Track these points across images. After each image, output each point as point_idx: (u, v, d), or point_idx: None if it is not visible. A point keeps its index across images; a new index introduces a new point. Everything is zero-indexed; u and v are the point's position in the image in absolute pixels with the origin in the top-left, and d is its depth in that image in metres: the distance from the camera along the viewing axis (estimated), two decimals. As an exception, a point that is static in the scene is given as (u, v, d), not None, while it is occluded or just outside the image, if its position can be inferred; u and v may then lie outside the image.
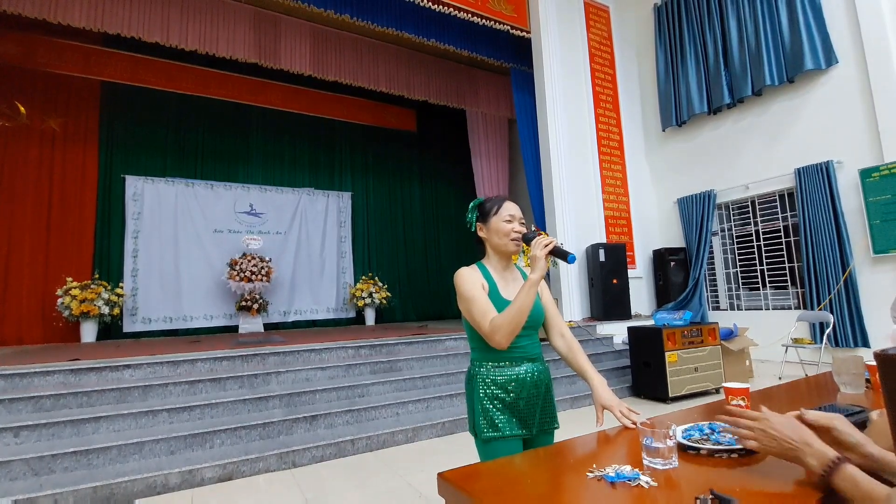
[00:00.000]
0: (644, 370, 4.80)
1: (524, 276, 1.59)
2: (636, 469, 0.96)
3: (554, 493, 0.95)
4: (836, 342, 5.32)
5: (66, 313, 6.23)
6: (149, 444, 3.13)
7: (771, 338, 5.78)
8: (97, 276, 6.77)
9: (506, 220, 1.51)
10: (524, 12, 7.17)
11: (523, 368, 1.47)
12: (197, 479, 2.99)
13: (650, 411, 4.30)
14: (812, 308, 5.58)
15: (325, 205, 9.01)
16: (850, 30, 5.37)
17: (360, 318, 8.76)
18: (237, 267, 7.46)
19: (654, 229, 7.64)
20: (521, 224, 1.53)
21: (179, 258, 7.53)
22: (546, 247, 1.37)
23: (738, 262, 6.74)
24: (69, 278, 6.40)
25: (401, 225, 9.86)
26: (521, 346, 1.47)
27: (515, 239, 1.50)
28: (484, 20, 6.73)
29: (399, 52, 8.13)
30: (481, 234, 1.57)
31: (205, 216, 7.85)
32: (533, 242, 1.40)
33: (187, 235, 7.65)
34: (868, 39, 5.18)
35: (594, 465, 1.00)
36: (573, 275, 6.73)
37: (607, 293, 6.40)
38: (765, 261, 6.40)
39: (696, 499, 0.80)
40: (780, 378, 5.09)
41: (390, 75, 8.07)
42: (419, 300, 9.64)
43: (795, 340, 5.37)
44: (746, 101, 6.38)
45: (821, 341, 5.23)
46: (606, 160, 7.32)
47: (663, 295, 7.11)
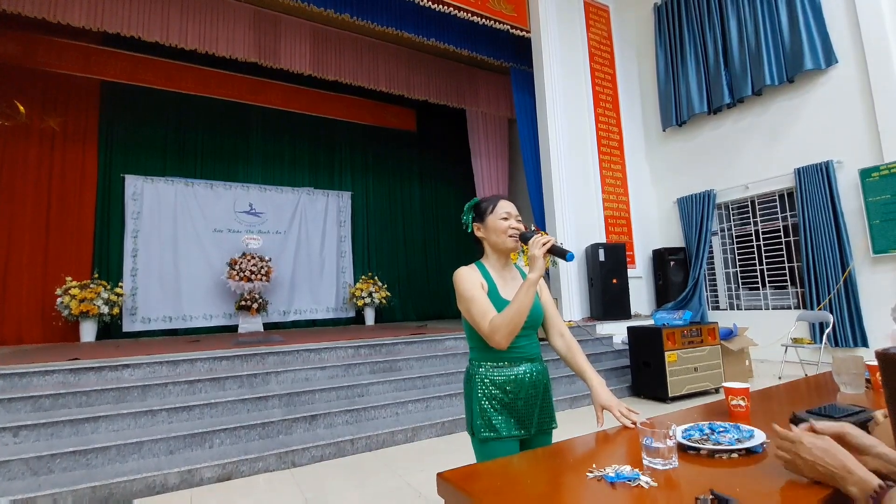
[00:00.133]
0: (644, 370, 4.81)
1: (523, 276, 1.59)
2: (636, 469, 0.96)
3: (554, 493, 0.95)
4: (835, 342, 5.32)
5: (66, 313, 6.23)
6: (148, 443, 3.12)
7: (770, 338, 5.78)
8: (97, 275, 6.76)
9: (502, 217, 1.51)
10: (524, 12, 7.16)
11: (522, 368, 1.47)
12: (196, 478, 2.99)
13: (650, 411, 4.30)
14: (812, 308, 5.58)
15: (324, 204, 9.01)
16: (849, 30, 5.37)
17: (359, 318, 8.76)
18: (237, 266, 7.45)
19: (654, 229, 7.63)
20: (518, 221, 1.53)
21: (179, 258, 7.53)
22: (544, 245, 1.37)
23: (737, 262, 6.74)
24: (69, 278, 6.39)
25: (400, 224, 9.86)
26: (519, 347, 1.47)
27: (513, 235, 1.50)
28: (484, 20, 6.73)
29: (399, 52, 8.13)
30: (479, 233, 1.57)
31: (204, 216, 7.84)
32: (531, 241, 1.39)
33: (187, 235, 7.65)
34: (868, 39, 5.18)
35: (594, 466, 1.00)
36: (573, 274, 6.73)
37: (607, 293, 6.40)
38: (764, 261, 6.40)
39: (697, 499, 0.80)
40: (779, 378, 5.10)
41: (390, 75, 8.07)
42: (419, 300, 9.64)
43: (795, 340, 5.37)
44: (746, 101, 6.38)
45: (820, 341, 5.23)
46: (606, 160, 7.32)
47: (663, 295, 7.11)
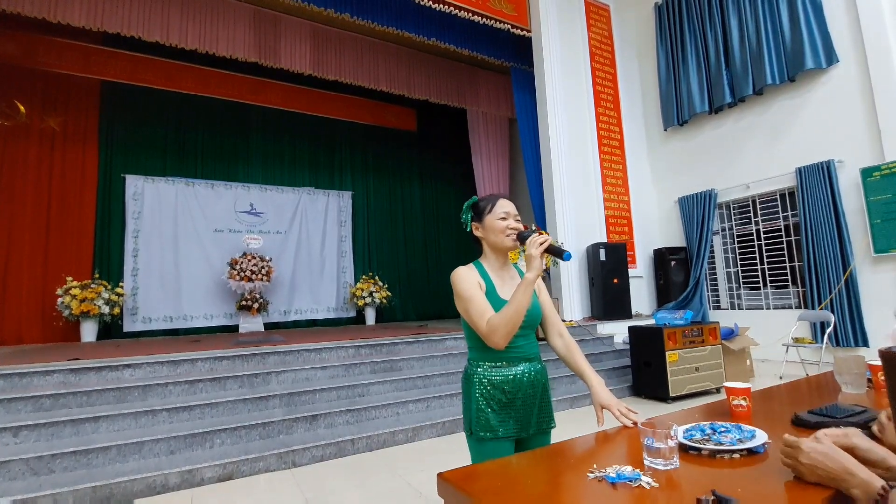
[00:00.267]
0: (644, 370, 4.80)
1: (522, 276, 1.58)
2: (637, 469, 0.96)
3: (554, 493, 0.95)
4: (836, 342, 5.31)
5: (66, 313, 6.23)
6: (148, 443, 3.12)
7: (772, 337, 5.77)
8: (97, 275, 6.76)
9: (501, 217, 1.50)
10: (524, 11, 7.16)
11: (520, 368, 1.46)
12: (196, 478, 2.99)
13: (650, 411, 4.29)
14: (813, 307, 5.57)
15: (325, 204, 9.00)
16: (850, 29, 5.36)
17: (360, 318, 8.76)
18: (237, 266, 7.45)
19: (655, 228, 7.63)
20: (517, 220, 1.52)
21: (179, 258, 7.53)
22: (541, 245, 1.36)
23: (738, 262, 6.73)
24: (69, 278, 6.40)
25: (401, 224, 9.86)
26: (517, 346, 1.46)
27: (511, 235, 1.49)
28: (484, 19, 6.72)
29: (399, 52, 8.12)
30: (477, 233, 1.57)
31: (205, 215, 7.84)
32: (528, 241, 1.39)
33: (187, 235, 7.65)
34: (869, 38, 5.17)
35: (595, 466, 1.00)
36: (573, 274, 6.72)
37: (608, 292, 6.40)
38: (765, 260, 6.39)
39: (698, 500, 0.80)
40: (780, 377, 5.09)
41: (391, 75, 8.06)
42: (419, 300, 9.64)
43: (796, 340, 5.36)
44: (747, 101, 6.37)
45: (822, 341, 5.22)
46: (607, 159, 7.31)
47: (664, 294, 7.10)
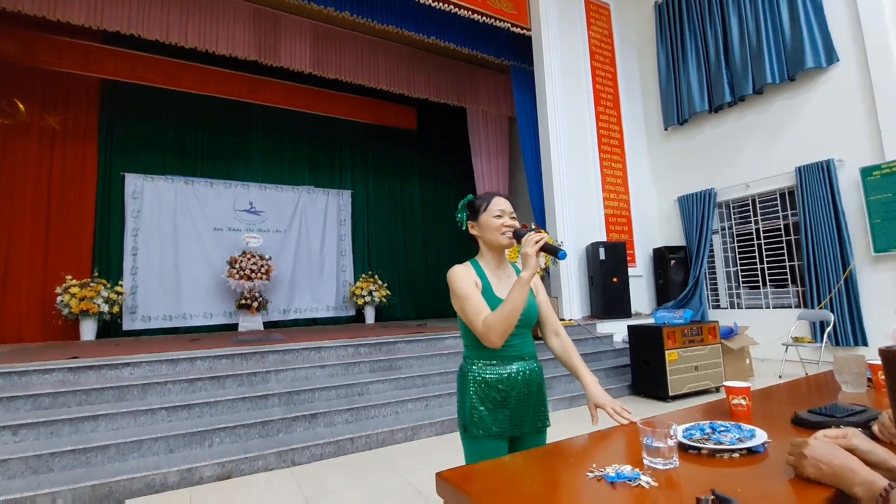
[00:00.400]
0: (644, 369, 4.80)
1: (518, 274, 1.58)
2: (636, 469, 0.95)
3: (553, 493, 0.94)
4: (836, 341, 5.31)
5: (66, 311, 6.22)
6: (147, 442, 3.12)
7: (771, 336, 5.77)
8: (97, 273, 6.75)
9: (496, 215, 1.50)
10: (524, 10, 7.14)
11: (515, 367, 1.46)
12: (196, 477, 2.99)
13: (650, 410, 4.29)
14: (812, 307, 5.57)
15: (324, 203, 9.00)
16: (850, 28, 5.35)
17: (359, 317, 8.75)
18: (237, 265, 7.45)
19: (655, 228, 7.62)
20: (512, 218, 1.51)
21: (179, 256, 7.52)
22: (537, 244, 1.35)
23: (738, 261, 6.73)
24: (69, 276, 6.39)
25: (401, 223, 9.85)
26: (513, 345, 1.46)
27: (507, 233, 1.49)
28: (484, 18, 6.71)
29: (399, 50, 8.11)
30: (473, 231, 1.57)
31: (204, 214, 7.83)
32: (524, 239, 1.38)
33: (187, 233, 7.64)
34: (869, 37, 5.16)
35: (594, 465, 1.00)
36: (573, 273, 6.72)
37: (607, 291, 6.39)
38: (765, 259, 6.39)
39: (698, 499, 0.80)
40: (780, 377, 5.09)
41: (391, 73, 8.05)
42: (419, 298, 9.63)
43: (796, 339, 5.36)
44: (747, 100, 6.37)
45: (821, 340, 5.22)
46: (607, 158, 7.30)
47: (663, 293, 7.10)
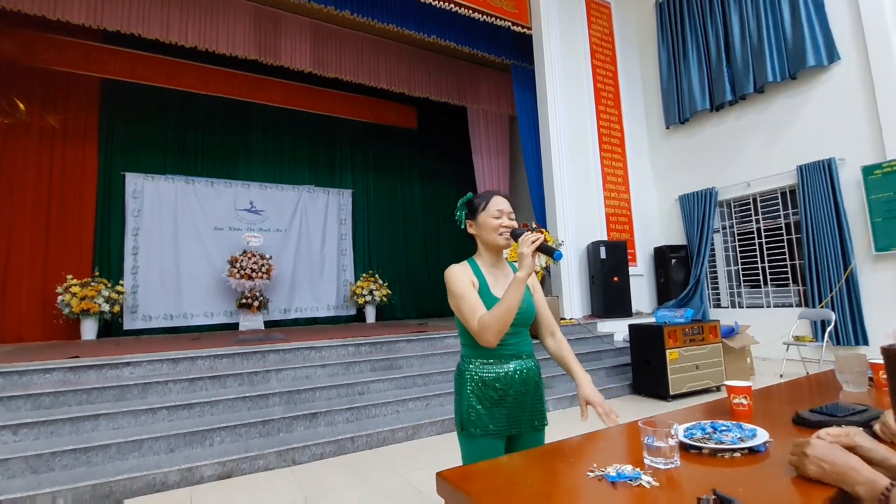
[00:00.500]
0: (645, 368, 4.80)
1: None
2: (637, 468, 0.95)
3: (554, 492, 0.94)
4: (836, 340, 5.30)
5: (67, 311, 6.22)
6: (148, 441, 3.12)
7: (772, 335, 5.76)
8: (97, 273, 6.75)
9: (494, 215, 1.50)
10: (525, 8, 7.13)
11: (512, 366, 1.46)
12: (196, 476, 2.99)
13: (650, 409, 4.29)
14: (813, 306, 5.57)
15: (325, 202, 8.99)
16: (852, 26, 5.34)
17: (360, 316, 8.75)
18: (237, 264, 7.45)
19: (656, 227, 7.62)
20: (511, 219, 1.51)
21: (180, 256, 7.52)
22: (533, 244, 1.36)
23: (739, 260, 6.72)
24: (69, 276, 6.39)
25: (401, 222, 9.84)
26: (509, 344, 1.46)
27: (504, 233, 1.49)
28: (485, 16, 6.70)
29: (400, 49, 8.10)
30: (471, 230, 1.57)
31: (205, 213, 7.83)
32: (521, 239, 1.39)
33: (187, 233, 7.64)
34: (870, 36, 5.15)
35: (595, 465, 0.99)
36: (574, 272, 6.72)
37: (608, 290, 6.39)
38: (766, 258, 6.38)
39: (699, 499, 0.79)
40: (781, 376, 5.08)
41: (391, 72, 8.04)
42: (419, 298, 9.63)
43: (797, 338, 5.36)
44: (748, 98, 6.35)
45: (822, 339, 5.22)
46: (607, 157, 7.30)
47: (664, 292, 7.10)
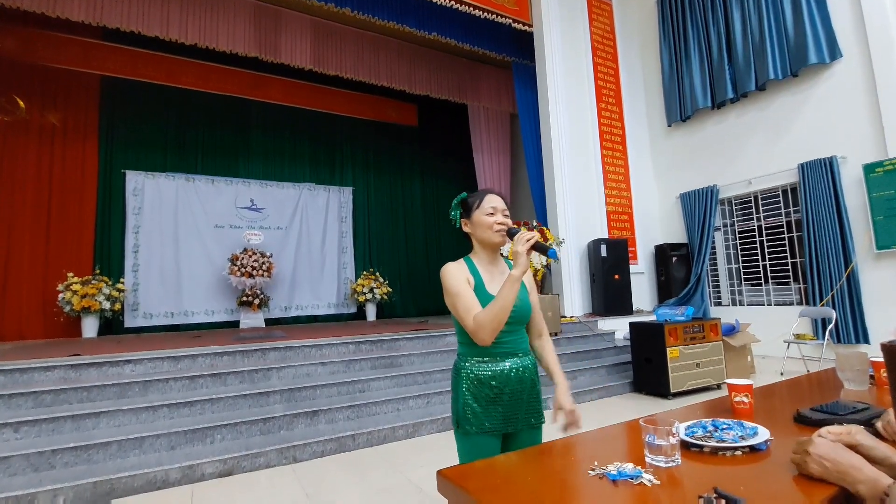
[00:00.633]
0: (645, 366, 4.79)
1: None
2: (638, 467, 0.95)
3: (555, 490, 0.94)
4: (837, 338, 5.30)
5: (67, 308, 6.23)
6: (149, 439, 3.12)
7: (773, 334, 5.76)
8: (98, 271, 6.76)
9: (488, 212, 1.50)
10: (526, 6, 7.11)
11: (508, 364, 1.46)
12: (197, 474, 2.99)
13: (651, 407, 4.29)
14: (814, 304, 5.56)
15: (325, 200, 8.99)
16: (854, 24, 5.32)
17: (360, 314, 8.76)
18: (238, 262, 7.45)
19: (656, 224, 7.61)
20: (505, 216, 1.52)
21: (180, 253, 7.52)
22: (528, 242, 1.37)
23: (740, 258, 6.72)
24: (70, 273, 6.40)
25: (402, 220, 9.84)
26: (505, 342, 1.46)
27: (499, 231, 1.49)
28: (485, 13, 6.68)
29: (400, 47, 8.09)
30: (466, 229, 1.58)
31: (205, 211, 7.83)
32: (515, 238, 1.40)
33: (188, 231, 7.64)
34: (872, 33, 5.13)
35: (595, 463, 0.99)
36: (574, 270, 6.71)
37: (609, 288, 6.38)
38: (767, 256, 6.37)
39: (700, 497, 0.79)
40: (781, 374, 5.08)
41: (391, 70, 8.03)
42: (420, 296, 9.62)
43: (797, 336, 5.36)
44: (750, 96, 6.34)
45: (823, 337, 5.21)
46: (608, 155, 7.28)
47: (665, 290, 7.09)
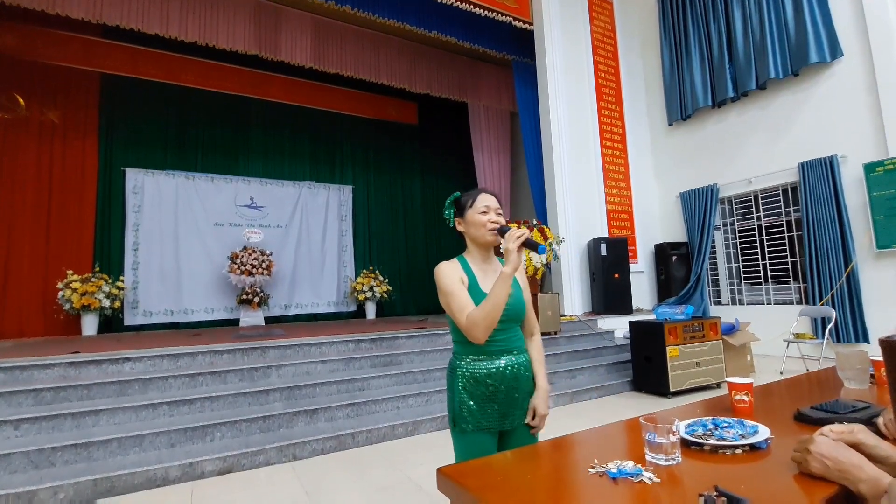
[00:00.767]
0: (645, 365, 4.79)
1: None
2: (639, 465, 0.95)
3: (555, 489, 0.94)
4: (837, 338, 5.31)
5: (67, 306, 6.23)
6: (149, 437, 3.12)
7: (773, 333, 5.76)
8: (98, 269, 6.76)
9: (481, 211, 1.51)
10: (526, 4, 7.10)
11: (503, 361, 1.47)
12: (197, 471, 2.99)
13: (651, 406, 4.30)
14: (814, 303, 5.56)
15: (325, 198, 8.98)
16: (855, 23, 5.31)
17: (360, 312, 8.77)
18: (238, 260, 7.45)
19: (656, 223, 7.61)
20: (498, 214, 1.52)
21: (180, 251, 7.52)
22: (518, 239, 1.37)
23: (740, 257, 6.72)
24: (70, 271, 6.39)
25: (402, 219, 9.84)
26: (499, 340, 1.47)
27: (492, 230, 1.50)
28: (486, 12, 6.67)
29: (401, 45, 8.08)
30: (459, 228, 1.58)
31: (205, 209, 7.83)
32: (506, 235, 1.40)
33: (188, 229, 7.64)
34: (873, 33, 5.13)
35: (596, 461, 0.99)
36: (574, 269, 6.71)
37: (609, 287, 6.39)
38: (767, 255, 6.37)
39: (701, 495, 0.79)
40: (781, 373, 5.08)
41: (392, 68, 8.02)
42: (420, 294, 9.62)
43: (797, 335, 5.36)
44: (750, 95, 6.33)
45: (823, 337, 5.21)
46: (609, 154, 7.28)
47: (665, 289, 7.09)
